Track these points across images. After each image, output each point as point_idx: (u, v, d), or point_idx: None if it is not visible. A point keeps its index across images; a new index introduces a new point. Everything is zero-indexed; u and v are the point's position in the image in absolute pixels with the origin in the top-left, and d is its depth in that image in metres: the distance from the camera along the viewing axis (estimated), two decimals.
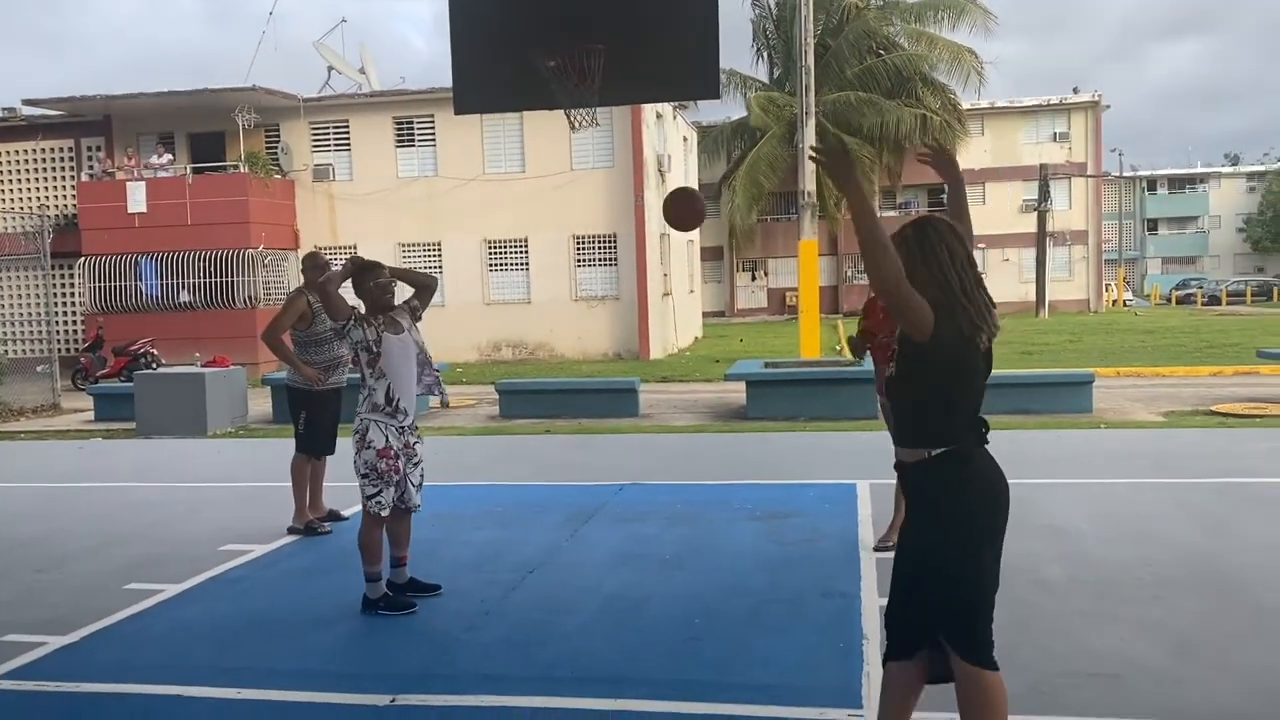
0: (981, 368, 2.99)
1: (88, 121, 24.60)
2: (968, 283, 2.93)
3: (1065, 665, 4.26)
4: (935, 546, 2.95)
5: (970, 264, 2.98)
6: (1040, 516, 6.83)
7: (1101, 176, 43.80)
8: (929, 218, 3.07)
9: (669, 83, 6.23)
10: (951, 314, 2.90)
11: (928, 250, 2.95)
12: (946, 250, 2.95)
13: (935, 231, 2.98)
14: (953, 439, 2.94)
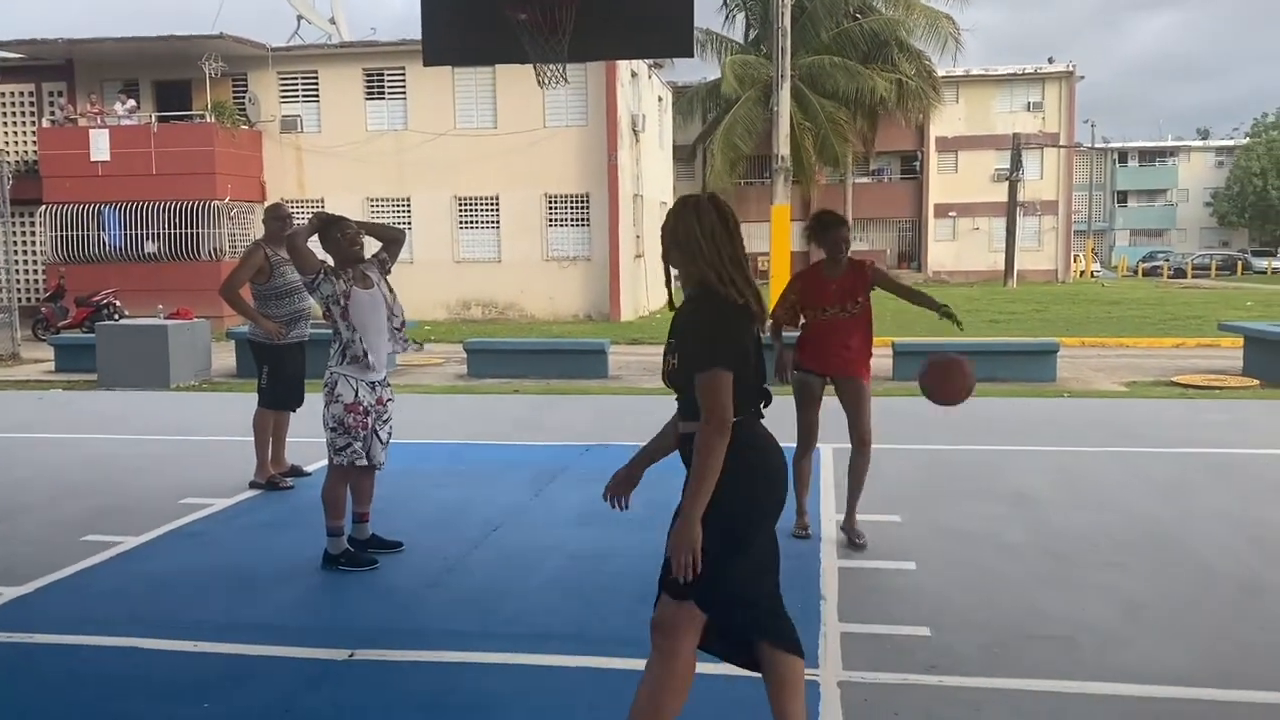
0: (757, 342, 2.96)
1: (50, 65, 24.04)
2: (726, 256, 2.89)
3: (1020, 628, 4.32)
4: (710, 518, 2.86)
5: (728, 240, 2.91)
6: (1003, 483, 6.91)
7: (1073, 147, 44.00)
8: (687, 197, 3.02)
9: (641, 39, 6.14)
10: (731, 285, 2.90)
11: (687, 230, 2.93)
12: (706, 226, 2.91)
13: (693, 209, 2.95)
14: (738, 408, 2.86)
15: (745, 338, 2.90)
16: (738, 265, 2.91)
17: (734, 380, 2.81)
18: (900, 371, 12.35)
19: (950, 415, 9.51)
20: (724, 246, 2.90)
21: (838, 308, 5.48)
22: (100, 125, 22.28)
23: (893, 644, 4.14)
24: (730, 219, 2.94)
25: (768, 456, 2.93)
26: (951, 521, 5.95)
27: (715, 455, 2.78)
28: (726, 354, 2.81)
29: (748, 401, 2.89)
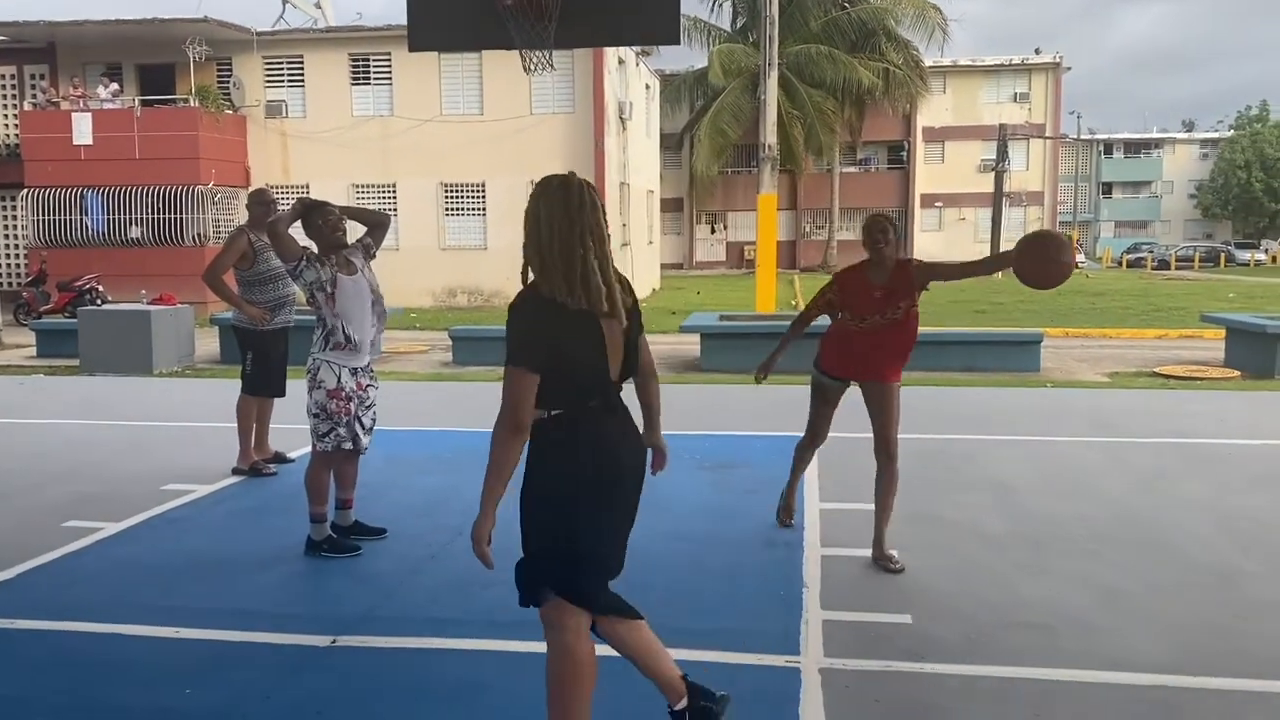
0: (598, 338, 2.82)
1: (31, 48, 23.80)
2: (557, 246, 2.78)
3: (1000, 615, 4.36)
4: (527, 500, 2.91)
5: (567, 228, 2.78)
6: (984, 471, 6.95)
7: (1059, 138, 44.16)
8: (545, 178, 2.90)
9: (628, 26, 6.11)
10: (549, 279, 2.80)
11: (529, 213, 2.87)
12: (543, 211, 2.81)
13: (540, 191, 2.86)
14: (561, 404, 2.83)
15: (567, 334, 2.77)
16: (569, 257, 2.77)
17: (559, 378, 2.77)
18: None
19: (933, 405, 9.59)
20: (557, 236, 2.77)
21: (878, 315, 4.95)
22: (83, 109, 22.08)
23: (874, 631, 4.17)
24: (576, 206, 2.78)
25: (596, 454, 2.86)
26: (933, 510, 5.98)
27: (502, 450, 2.76)
28: (530, 353, 2.74)
29: (580, 397, 2.84)
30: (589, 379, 2.85)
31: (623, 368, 2.95)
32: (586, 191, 2.82)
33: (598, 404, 2.88)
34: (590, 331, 2.81)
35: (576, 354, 2.80)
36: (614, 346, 2.88)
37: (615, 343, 2.89)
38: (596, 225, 2.80)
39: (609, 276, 2.82)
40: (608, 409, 2.91)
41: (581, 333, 2.79)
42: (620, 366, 2.93)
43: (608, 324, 2.84)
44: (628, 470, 2.96)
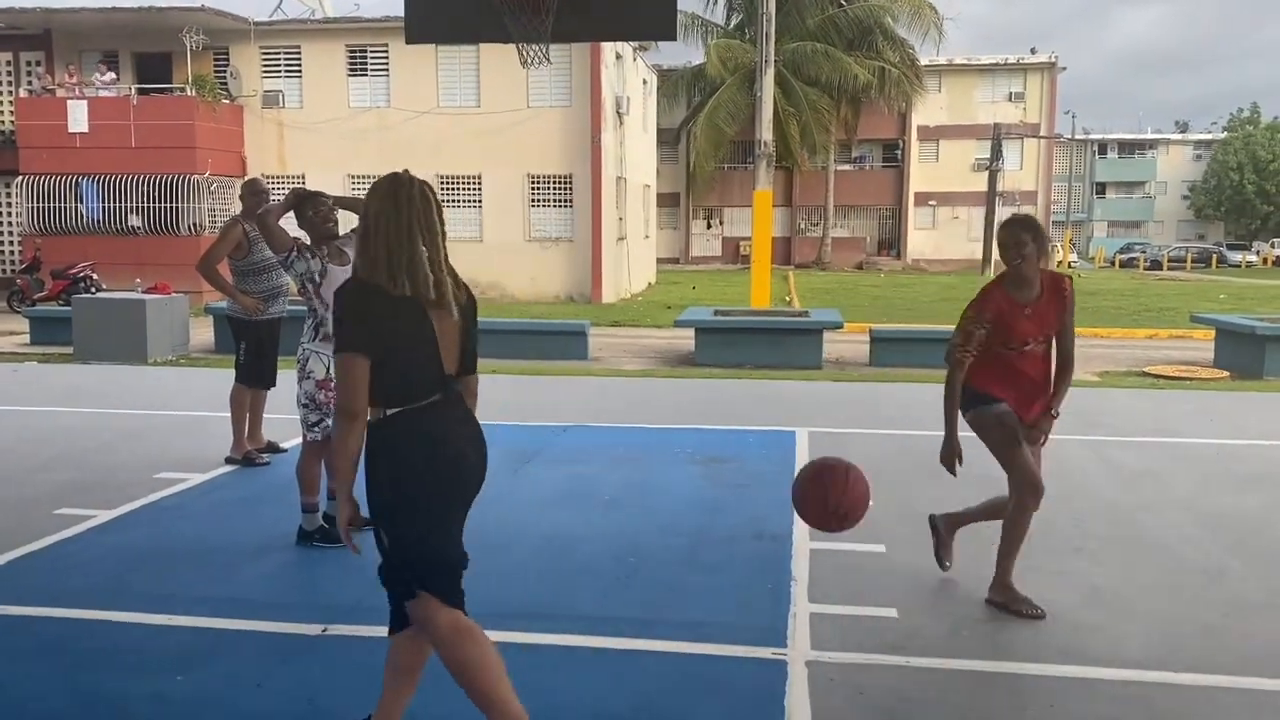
0: (426, 326, 2.83)
1: (27, 35, 23.70)
2: (390, 240, 2.81)
3: (986, 610, 4.40)
4: (374, 501, 2.93)
5: (395, 221, 2.81)
6: (970, 468, 6.93)
7: (1054, 138, 44.24)
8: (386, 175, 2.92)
9: (625, 21, 6.15)
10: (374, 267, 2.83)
11: (363, 208, 2.90)
12: (373, 205, 2.86)
13: (374, 187, 2.89)
14: (401, 400, 2.85)
15: (392, 318, 2.79)
16: (393, 246, 2.80)
17: (393, 371, 2.80)
18: (878, 359, 12.43)
19: (922, 401, 9.63)
20: (384, 227, 2.81)
21: (1035, 340, 4.32)
22: (79, 96, 22.03)
23: (861, 624, 4.21)
24: (404, 200, 2.82)
25: (437, 448, 2.87)
26: (921, 505, 6.00)
27: (340, 439, 2.82)
28: (356, 336, 2.78)
29: (417, 392, 2.85)
30: (423, 371, 2.85)
31: (460, 362, 2.96)
32: (417, 187, 2.87)
33: (439, 399, 2.88)
34: (416, 318, 2.82)
35: (404, 341, 2.82)
36: (446, 338, 2.89)
37: (448, 335, 2.90)
38: (427, 218, 2.84)
39: (439, 267, 2.85)
40: (448, 403, 2.92)
41: (407, 318, 2.81)
42: (457, 361, 2.95)
43: (437, 314, 2.85)
44: (473, 466, 2.98)
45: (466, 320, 2.96)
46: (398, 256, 2.80)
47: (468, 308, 2.97)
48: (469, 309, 2.98)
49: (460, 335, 2.94)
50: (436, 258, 2.85)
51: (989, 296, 4.36)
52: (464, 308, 2.95)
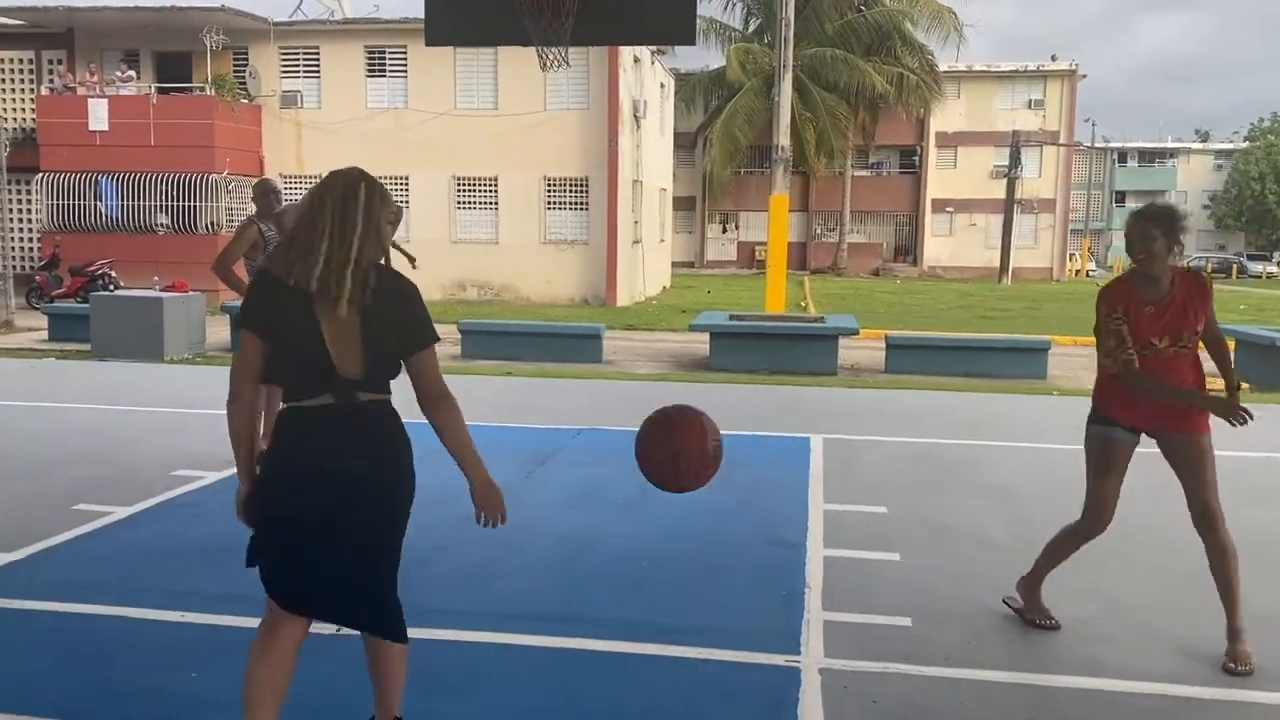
0: (310, 318, 2.71)
1: (49, 33, 23.90)
2: (295, 231, 2.78)
3: (999, 620, 4.38)
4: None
5: (308, 214, 2.75)
6: (987, 476, 6.97)
7: (1073, 146, 44.05)
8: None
9: (644, 25, 6.16)
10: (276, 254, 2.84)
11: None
12: (303, 202, 2.85)
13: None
14: (290, 395, 2.83)
15: (279, 305, 2.73)
16: (295, 236, 2.76)
17: (281, 361, 2.76)
18: (894, 365, 12.40)
19: (937, 409, 9.61)
20: (297, 221, 2.79)
21: (1167, 340, 3.98)
22: (99, 95, 22.18)
23: (874, 633, 4.19)
24: (322, 198, 2.74)
25: (291, 457, 2.81)
26: (936, 514, 6.01)
27: (228, 421, 2.90)
28: (248, 316, 2.78)
29: (303, 388, 2.78)
30: (305, 367, 2.75)
31: (368, 369, 2.78)
32: (345, 183, 2.75)
33: (331, 404, 2.76)
34: (300, 307, 2.71)
35: (288, 332, 2.74)
36: (338, 337, 2.73)
37: (340, 333, 2.73)
38: (342, 212, 2.71)
39: (333, 259, 2.68)
40: (340, 409, 2.77)
41: (292, 307, 2.71)
42: (361, 365, 2.77)
43: (325, 309, 2.70)
44: (334, 489, 2.78)
45: (370, 323, 2.74)
46: (292, 245, 2.75)
47: (374, 311, 2.74)
48: (377, 312, 2.75)
49: (359, 338, 2.75)
50: (335, 250, 2.68)
51: (1110, 290, 4.10)
52: (368, 309, 2.73)
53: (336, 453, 2.77)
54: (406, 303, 2.83)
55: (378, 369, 2.80)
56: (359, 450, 2.79)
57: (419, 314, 2.86)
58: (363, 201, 2.74)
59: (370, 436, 2.82)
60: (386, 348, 2.79)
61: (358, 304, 2.71)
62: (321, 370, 2.74)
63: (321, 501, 2.78)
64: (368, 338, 2.76)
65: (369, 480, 2.81)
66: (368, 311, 2.74)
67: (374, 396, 2.82)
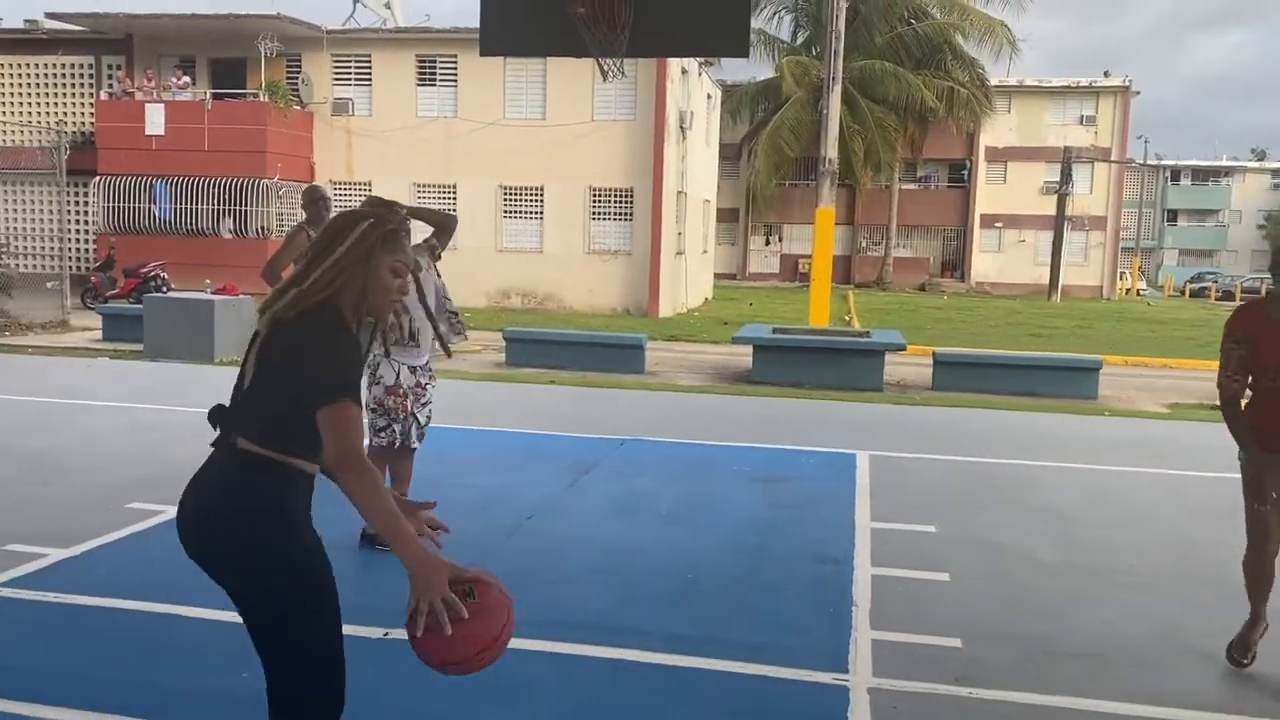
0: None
1: (109, 39, 24.42)
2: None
3: (1051, 644, 4.30)
4: None
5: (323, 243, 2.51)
6: (1038, 498, 6.86)
7: (1125, 163, 43.41)
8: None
9: (698, 37, 6.16)
10: None
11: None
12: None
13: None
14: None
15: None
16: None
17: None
18: (941, 382, 12.26)
19: (986, 428, 9.50)
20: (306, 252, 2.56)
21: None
22: (156, 100, 22.61)
23: (924, 653, 4.13)
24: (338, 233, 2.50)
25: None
26: (986, 534, 5.92)
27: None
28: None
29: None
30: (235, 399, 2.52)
31: (245, 395, 2.45)
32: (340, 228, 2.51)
33: (219, 436, 2.52)
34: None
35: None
36: (245, 367, 2.48)
37: (247, 364, 2.48)
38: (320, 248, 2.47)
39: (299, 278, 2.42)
40: (218, 444, 2.51)
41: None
42: (244, 390, 2.45)
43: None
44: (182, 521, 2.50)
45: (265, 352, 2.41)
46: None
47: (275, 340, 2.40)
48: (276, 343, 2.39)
49: (259, 359, 2.42)
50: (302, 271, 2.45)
51: (1239, 312, 4.00)
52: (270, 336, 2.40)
53: (188, 499, 2.51)
54: (307, 348, 2.35)
55: (250, 398, 2.44)
56: (196, 483, 2.51)
57: (315, 364, 2.34)
58: (362, 231, 2.49)
59: (216, 475, 2.50)
60: (268, 388, 2.40)
61: (270, 323, 2.40)
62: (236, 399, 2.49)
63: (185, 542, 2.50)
64: (262, 359, 2.42)
65: (191, 526, 2.48)
66: (270, 339, 2.40)
67: (248, 444, 2.43)
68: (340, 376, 2.35)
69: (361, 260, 2.44)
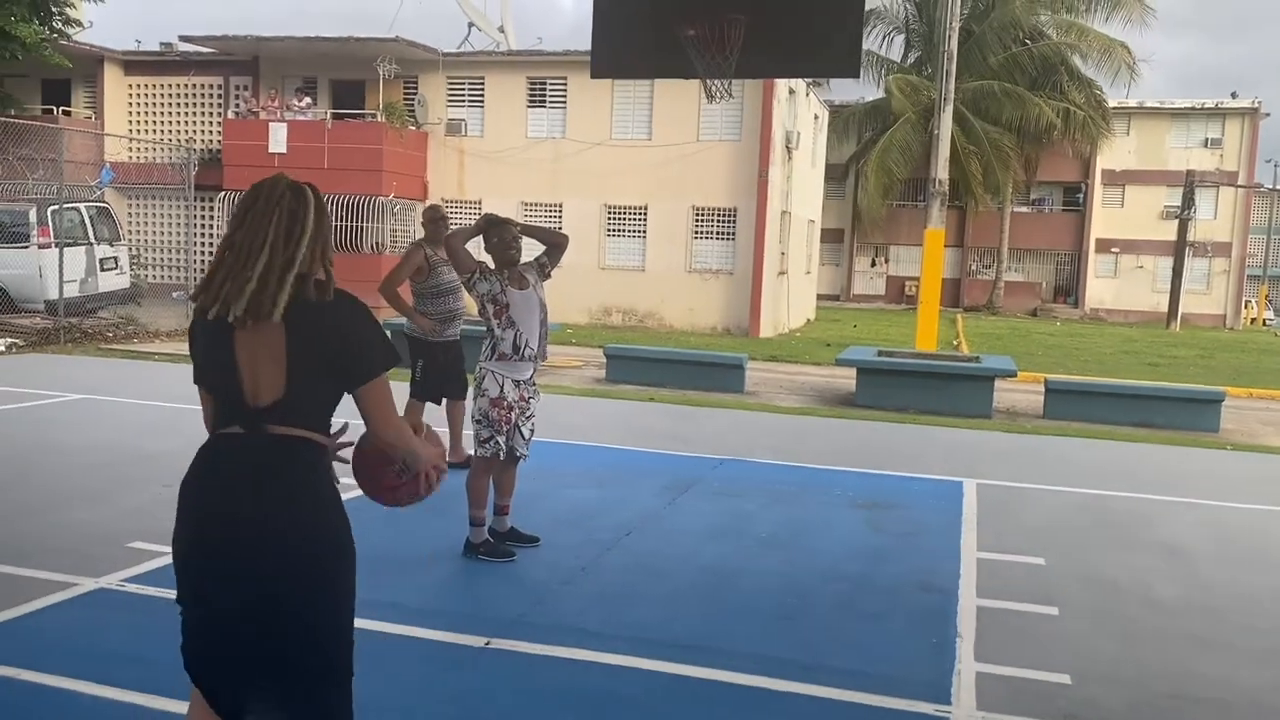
0: (222, 344, 2.35)
1: (237, 61, 25.55)
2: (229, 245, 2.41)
3: (1170, 686, 4.12)
4: None
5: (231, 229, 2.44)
6: (1154, 534, 6.59)
7: (1253, 188, 41.57)
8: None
9: (808, 58, 6.14)
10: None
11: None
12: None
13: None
14: (210, 425, 2.47)
15: (198, 341, 2.44)
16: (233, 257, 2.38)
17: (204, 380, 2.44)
18: (1052, 411, 11.90)
19: (1100, 459, 9.17)
20: (240, 232, 2.42)
21: None
22: (279, 119, 23.54)
23: (1031, 688, 4.00)
24: (269, 204, 2.44)
25: (185, 486, 2.42)
26: (1098, 569, 5.71)
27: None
28: (194, 370, 2.49)
29: (216, 420, 2.44)
30: (218, 396, 2.42)
31: (285, 397, 2.35)
32: (270, 202, 2.44)
33: (238, 432, 2.38)
34: (213, 335, 2.38)
35: (203, 363, 2.44)
36: (253, 358, 2.35)
37: (255, 353, 2.35)
38: (260, 232, 2.39)
39: (274, 265, 2.34)
40: (246, 443, 2.37)
41: (207, 338, 2.40)
42: (275, 392, 2.35)
43: (243, 334, 2.34)
44: (183, 517, 2.39)
45: (297, 343, 2.35)
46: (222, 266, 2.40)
47: (305, 329, 2.36)
48: (309, 331, 2.36)
49: (284, 360, 2.35)
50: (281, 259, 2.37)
51: None
52: (298, 326, 2.35)
53: (217, 493, 2.36)
54: (349, 321, 2.42)
55: (297, 398, 2.36)
56: (253, 490, 2.34)
57: (364, 335, 2.42)
58: (314, 208, 2.49)
59: (265, 485, 2.35)
60: (314, 373, 2.37)
61: (288, 319, 2.34)
62: (228, 395, 2.38)
63: (207, 550, 2.35)
64: (292, 360, 2.35)
65: (258, 527, 2.32)
66: (298, 329, 2.35)
67: (290, 431, 2.37)
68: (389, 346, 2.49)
69: (324, 228, 2.54)
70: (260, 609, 2.32)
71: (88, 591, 4.64)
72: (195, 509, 2.37)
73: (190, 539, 2.37)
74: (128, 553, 5.18)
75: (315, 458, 2.42)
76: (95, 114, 26.30)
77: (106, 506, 6.13)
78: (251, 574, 2.31)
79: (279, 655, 2.35)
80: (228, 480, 2.36)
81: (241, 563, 2.31)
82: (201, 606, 2.38)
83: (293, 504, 2.36)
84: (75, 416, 9.26)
